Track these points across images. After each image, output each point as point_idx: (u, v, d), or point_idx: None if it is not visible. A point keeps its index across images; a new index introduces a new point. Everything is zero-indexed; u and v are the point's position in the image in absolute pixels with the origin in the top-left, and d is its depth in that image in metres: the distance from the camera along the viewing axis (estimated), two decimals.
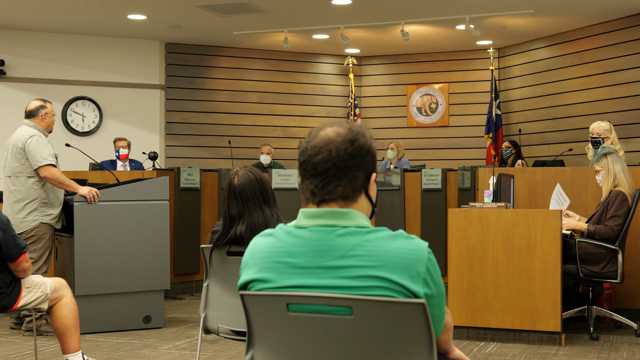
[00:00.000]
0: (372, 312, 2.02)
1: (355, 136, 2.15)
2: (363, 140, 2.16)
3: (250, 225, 4.21)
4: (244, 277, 2.19)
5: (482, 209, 6.43)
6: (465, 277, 6.44)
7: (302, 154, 2.16)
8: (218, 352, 6.04)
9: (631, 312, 7.20)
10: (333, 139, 2.13)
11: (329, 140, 2.13)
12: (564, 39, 11.96)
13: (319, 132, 2.17)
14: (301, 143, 2.19)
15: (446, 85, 13.48)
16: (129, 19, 10.97)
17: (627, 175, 6.62)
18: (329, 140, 2.13)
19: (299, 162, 2.17)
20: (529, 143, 12.34)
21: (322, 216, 2.12)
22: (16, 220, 6.62)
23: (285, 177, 9.75)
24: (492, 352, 6.03)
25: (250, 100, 13.20)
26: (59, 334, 5.00)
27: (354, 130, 2.16)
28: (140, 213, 6.91)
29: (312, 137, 2.17)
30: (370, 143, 2.19)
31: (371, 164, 2.17)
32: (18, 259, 4.77)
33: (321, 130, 2.17)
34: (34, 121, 6.86)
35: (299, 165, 2.18)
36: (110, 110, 12.29)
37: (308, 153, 2.14)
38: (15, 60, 11.73)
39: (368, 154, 2.16)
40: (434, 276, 2.09)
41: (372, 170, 2.18)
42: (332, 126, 2.17)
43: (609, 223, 6.48)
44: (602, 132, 7.79)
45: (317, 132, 2.17)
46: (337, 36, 11.92)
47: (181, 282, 9.14)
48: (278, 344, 2.17)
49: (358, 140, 2.14)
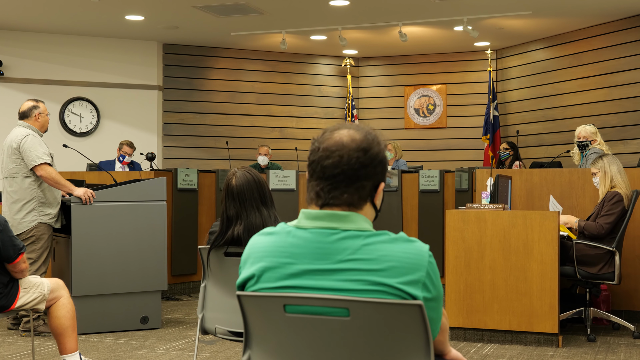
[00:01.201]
0: (369, 313, 2.02)
1: (370, 145, 2.10)
2: (377, 150, 2.11)
3: (247, 226, 4.21)
4: (243, 275, 2.18)
5: (479, 211, 6.44)
6: (462, 278, 6.45)
7: (313, 154, 2.12)
8: (215, 352, 6.04)
9: (628, 314, 7.21)
10: (346, 145, 2.08)
11: (342, 145, 2.08)
12: (561, 40, 11.97)
13: (333, 133, 2.12)
14: (314, 141, 2.14)
15: (444, 86, 13.48)
16: (126, 19, 10.97)
17: (623, 176, 6.63)
18: (342, 145, 2.08)
19: (309, 160, 2.13)
20: (526, 144, 12.34)
21: (323, 218, 2.10)
22: (15, 221, 6.62)
23: (283, 178, 9.75)
24: (490, 354, 6.03)
25: (248, 101, 13.20)
26: (57, 334, 5.00)
27: (369, 138, 2.11)
28: (137, 214, 6.91)
29: (326, 139, 2.11)
30: (384, 152, 2.14)
31: (381, 174, 2.13)
32: (15, 260, 4.77)
33: (336, 132, 2.12)
34: (28, 122, 6.86)
35: (308, 164, 2.13)
36: (107, 110, 12.28)
37: (319, 154, 2.10)
38: (13, 61, 11.72)
39: (380, 164, 2.12)
40: (434, 280, 2.08)
41: (381, 179, 2.14)
42: (348, 129, 2.12)
43: (599, 220, 6.50)
44: (589, 135, 7.85)
45: (332, 134, 2.12)
46: (334, 37, 11.92)
47: (178, 283, 9.14)
48: (275, 345, 2.17)
49: (372, 150, 2.10)
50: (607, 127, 10.61)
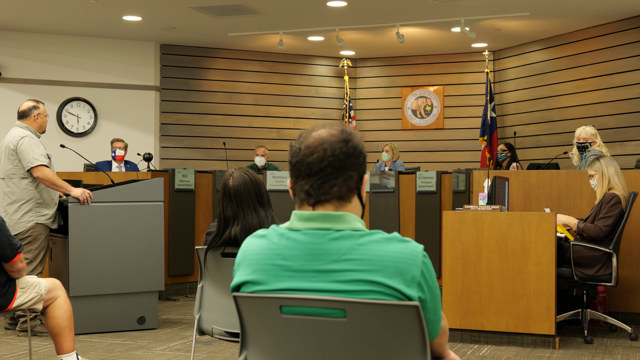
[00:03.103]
0: (365, 314, 2.02)
1: (349, 136, 2.15)
2: (356, 141, 2.16)
3: (244, 226, 4.21)
4: (237, 279, 2.18)
5: (476, 212, 6.44)
6: (459, 279, 6.45)
7: (295, 155, 2.15)
8: (212, 353, 6.04)
9: (625, 316, 7.21)
10: (327, 139, 2.13)
11: (323, 140, 2.13)
12: (559, 41, 11.98)
13: (311, 133, 2.17)
14: (293, 144, 2.18)
15: (441, 87, 13.49)
16: (124, 20, 10.97)
17: (620, 178, 6.63)
18: (323, 140, 2.13)
19: (291, 163, 2.16)
20: (523, 146, 12.35)
21: (315, 219, 2.11)
22: (12, 222, 6.62)
23: (280, 179, 9.75)
24: (486, 355, 6.03)
25: (245, 102, 13.20)
26: (54, 334, 5.00)
27: (346, 131, 2.17)
28: (134, 214, 6.90)
29: (305, 138, 2.16)
30: (362, 144, 2.19)
31: (363, 165, 2.18)
32: (13, 259, 4.77)
33: (313, 132, 2.16)
34: (26, 122, 6.85)
35: (291, 167, 2.16)
36: (105, 111, 12.27)
37: (302, 153, 2.13)
38: (10, 61, 11.72)
39: (360, 154, 2.16)
40: (429, 280, 2.08)
41: (364, 171, 2.18)
42: (324, 128, 2.17)
43: (598, 223, 6.50)
44: (589, 137, 7.82)
45: (309, 133, 2.16)
46: (332, 38, 11.92)
47: (175, 284, 9.14)
48: (271, 345, 2.17)
49: (352, 141, 2.15)
50: (605, 128, 10.61)
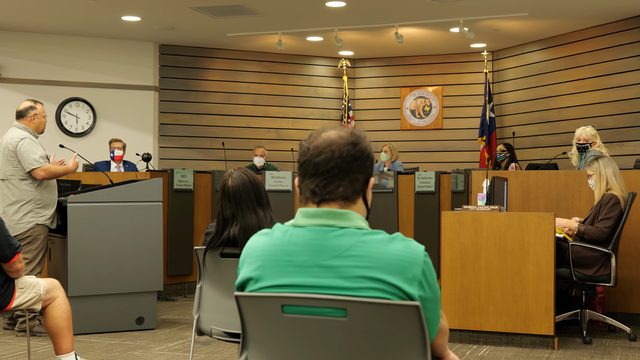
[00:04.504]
0: (366, 314, 2.02)
1: (357, 139, 2.18)
2: (364, 144, 2.19)
3: (243, 227, 4.21)
4: (242, 276, 2.20)
5: (475, 212, 6.44)
6: (458, 280, 6.45)
7: (303, 154, 2.18)
8: (211, 353, 6.04)
9: (624, 316, 7.21)
10: (336, 141, 2.16)
11: (331, 142, 2.15)
12: (557, 42, 11.98)
13: (320, 134, 2.19)
14: (302, 144, 2.21)
15: (440, 88, 13.49)
16: (123, 20, 10.96)
17: (618, 179, 6.63)
18: (331, 141, 2.16)
19: (299, 162, 2.19)
20: (522, 146, 12.35)
21: (320, 216, 2.13)
22: (12, 223, 6.62)
23: (279, 179, 9.75)
24: (485, 355, 6.03)
25: (244, 102, 13.20)
26: (52, 334, 4.99)
27: (355, 134, 2.19)
28: (133, 214, 6.90)
29: (314, 138, 2.18)
30: (370, 148, 2.22)
31: (370, 169, 2.20)
32: (12, 259, 4.76)
33: (323, 132, 2.19)
34: (23, 122, 6.85)
35: (299, 166, 2.19)
36: (104, 111, 12.27)
37: (310, 153, 2.16)
38: (9, 62, 11.71)
39: (368, 158, 2.19)
40: (430, 280, 2.10)
41: (370, 174, 2.21)
42: (334, 129, 2.20)
43: (599, 225, 6.50)
44: (590, 138, 7.81)
45: (319, 134, 2.19)
46: (331, 38, 11.92)
47: (174, 284, 9.13)
48: (272, 345, 2.17)
49: (360, 144, 2.17)
50: (603, 129, 10.60)
